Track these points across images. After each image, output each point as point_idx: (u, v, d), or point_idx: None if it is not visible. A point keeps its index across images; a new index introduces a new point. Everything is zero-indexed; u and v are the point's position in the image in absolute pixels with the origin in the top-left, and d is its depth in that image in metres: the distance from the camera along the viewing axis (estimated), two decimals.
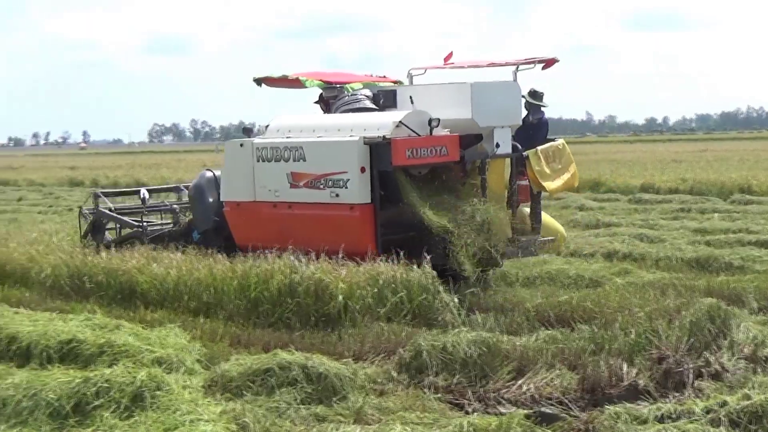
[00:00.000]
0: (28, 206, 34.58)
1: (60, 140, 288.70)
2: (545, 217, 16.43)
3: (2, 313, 12.20)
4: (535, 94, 16.40)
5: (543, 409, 8.16)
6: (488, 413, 8.35)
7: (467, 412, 8.45)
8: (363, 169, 13.69)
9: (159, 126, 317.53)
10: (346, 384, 8.70)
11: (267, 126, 15.69)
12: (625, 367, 8.81)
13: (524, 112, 16.06)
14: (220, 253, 13.98)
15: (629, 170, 39.25)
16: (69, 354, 10.36)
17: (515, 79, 15.22)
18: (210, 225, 15.85)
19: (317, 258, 12.81)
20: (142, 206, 17.87)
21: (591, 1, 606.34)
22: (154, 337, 10.62)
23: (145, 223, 17.11)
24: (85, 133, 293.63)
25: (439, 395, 8.83)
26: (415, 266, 12.40)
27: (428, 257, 12.81)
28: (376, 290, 11.92)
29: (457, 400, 8.79)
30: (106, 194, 18.48)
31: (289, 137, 14.80)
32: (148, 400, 8.09)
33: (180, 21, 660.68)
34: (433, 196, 14.13)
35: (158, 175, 47.94)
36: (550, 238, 15.88)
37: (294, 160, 14.38)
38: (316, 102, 16.97)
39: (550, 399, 8.54)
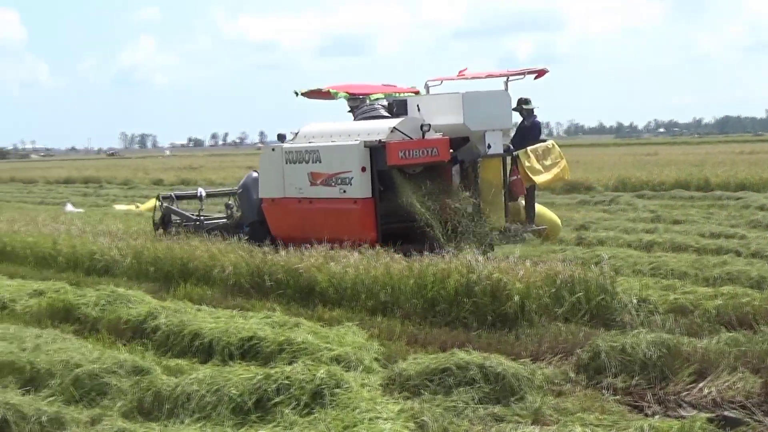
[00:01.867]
0: (207, 205, 35.25)
1: (237, 141, 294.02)
2: (542, 209, 19.21)
3: (186, 309, 12.51)
4: (523, 102, 18.84)
5: (726, 413, 8.01)
6: (668, 416, 8.22)
7: (647, 415, 8.31)
8: (364, 169, 16.07)
9: None
10: (524, 384, 8.66)
11: (297, 133, 18.12)
12: None
13: (520, 119, 18.98)
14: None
15: None
16: (249, 351, 10.57)
17: (506, 89, 17.71)
18: (255, 218, 18.54)
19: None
20: (200, 203, 21.66)
21: None
22: (332, 335, 10.75)
23: (202, 217, 20.57)
24: (261, 134, 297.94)
25: (617, 397, 8.73)
26: (592, 266, 12.33)
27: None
28: (553, 290, 11.87)
29: (636, 402, 8.66)
30: (178, 196, 22.16)
31: (311, 142, 17.29)
32: (327, 397, 8.19)
33: (355, 22, 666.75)
34: (426, 191, 16.25)
35: None
36: (542, 227, 18.21)
37: (312, 162, 16.92)
38: (348, 111, 19.19)
39: (732, 403, 8.34)
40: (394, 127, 16.27)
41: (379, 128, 16.55)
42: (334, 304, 13.25)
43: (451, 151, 16.62)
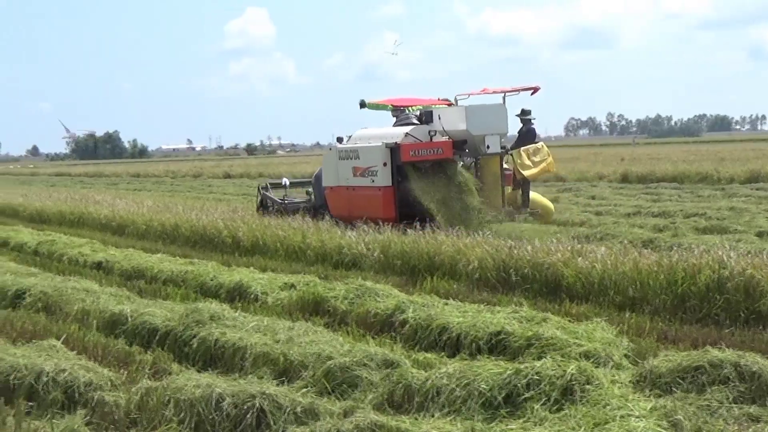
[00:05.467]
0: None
1: None
2: (536, 196, 23.90)
3: (433, 303, 12.59)
4: (524, 112, 23.47)
5: None
6: None
7: None
8: (385, 164, 21.19)
9: (575, 120, 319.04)
10: None
11: (350, 136, 23.50)
12: None
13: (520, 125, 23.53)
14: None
15: None
16: (497, 345, 10.59)
17: (504, 102, 22.12)
18: (324, 202, 23.69)
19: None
20: (285, 190, 27.38)
21: None
22: (581, 330, 10.63)
23: (286, 201, 26.15)
24: None
25: None
26: None
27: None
28: None
29: None
30: (271, 184, 28.41)
31: (355, 144, 22.62)
32: (577, 393, 8.12)
33: (598, 15, 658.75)
34: (431, 182, 20.93)
35: (576, 168, 47.99)
36: (536, 210, 23.07)
37: (354, 159, 22.01)
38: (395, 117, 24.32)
39: None
40: (407, 132, 21.53)
41: (397, 133, 21.77)
42: (581, 300, 13.14)
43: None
